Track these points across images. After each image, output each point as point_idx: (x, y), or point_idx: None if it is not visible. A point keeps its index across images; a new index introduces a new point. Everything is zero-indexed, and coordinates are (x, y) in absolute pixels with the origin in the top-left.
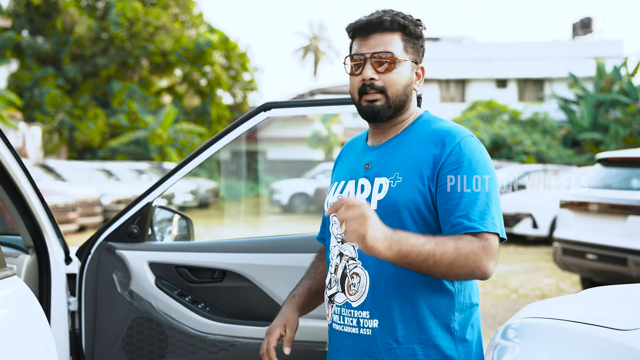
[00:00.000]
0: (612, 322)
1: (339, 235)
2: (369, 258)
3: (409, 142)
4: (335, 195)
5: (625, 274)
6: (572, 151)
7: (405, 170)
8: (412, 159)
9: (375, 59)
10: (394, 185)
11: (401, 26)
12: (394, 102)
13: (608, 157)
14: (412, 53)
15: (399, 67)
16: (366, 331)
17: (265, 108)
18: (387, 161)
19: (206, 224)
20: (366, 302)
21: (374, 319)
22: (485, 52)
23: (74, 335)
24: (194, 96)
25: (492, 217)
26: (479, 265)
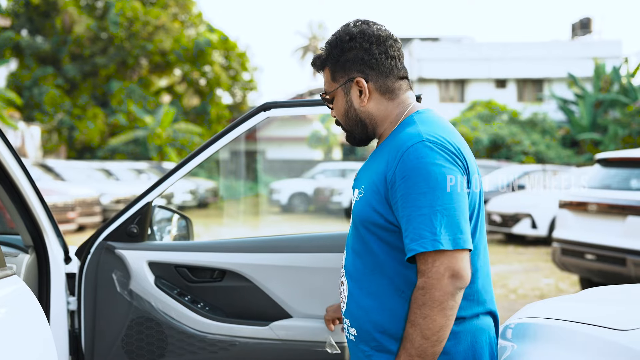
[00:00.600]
0: (611, 322)
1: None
2: (347, 266)
3: (379, 153)
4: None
5: (624, 274)
6: (571, 151)
7: (367, 184)
8: (374, 171)
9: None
10: (358, 200)
11: (324, 59)
12: (349, 129)
13: (607, 158)
14: (341, 77)
15: (335, 101)
16: (351, 337)
17: (265, 108)
18: (363, 172)
19: (205, 223)
20: (347, 310)
21: (353, 327)
22: (484, 52)
23: (74, 335)
24: (194, 96)
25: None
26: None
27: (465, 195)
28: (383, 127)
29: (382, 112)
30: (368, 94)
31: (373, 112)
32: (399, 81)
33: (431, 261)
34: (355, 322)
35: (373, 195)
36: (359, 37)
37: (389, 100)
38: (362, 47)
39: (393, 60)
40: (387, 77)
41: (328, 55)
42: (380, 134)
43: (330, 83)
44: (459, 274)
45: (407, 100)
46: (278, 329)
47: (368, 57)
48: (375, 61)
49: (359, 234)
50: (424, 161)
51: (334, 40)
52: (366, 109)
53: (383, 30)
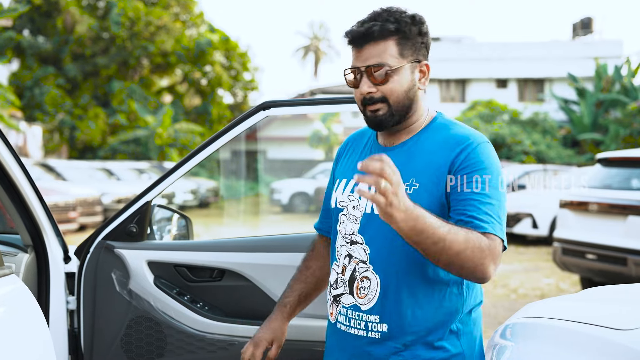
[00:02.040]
0: (612, 322)
1: (348, 236)
2: (381, 262)
3: (424, 147)
4: (346, 193)
5: (625, 274)
6: (572, 151)
7: (422, 176)
8: (429, 164)
9: (370, 72)
10: (411, 192)
11: (393, 31)
12: (396, 109)
13: (608, 157)
14: (411, 54)
15: (395, 75)
16: (375, 334)
17: (265, 107)
18: (402, 165)
19: (206, 223)
20: (376, 307)
21: (383, 323)
22: (485, 52)
23: (73, 334)
24: (195, 96)
25: (500, 223)
26: (482, 263)
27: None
28: (417, 117)
29: (423, 102)
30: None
31: (420, 100)
32: None
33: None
34: (390, 318)
35: (435, 186)
36: (426, 24)
37: (425, 94)
38: (427, 34)
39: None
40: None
41: (401, 29)
42: (411, 125)
43: (397, 57)
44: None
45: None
46: None
47: (429, 45)
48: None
49: None
50: (492, 161)
51: (416, 18)
52: (420, 94)
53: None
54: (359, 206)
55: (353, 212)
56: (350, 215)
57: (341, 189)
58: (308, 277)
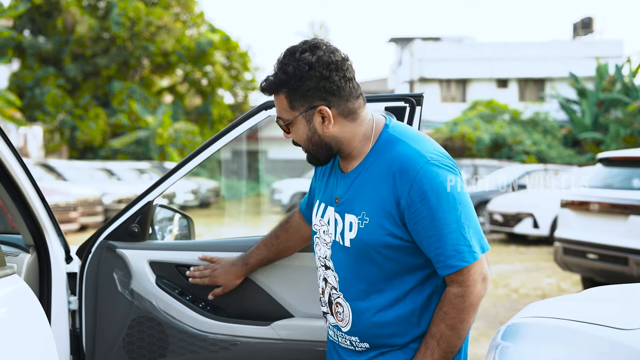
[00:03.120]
0: (614, 321)
1: (322, 259)
2: (349, 291)
3: (371, 174)
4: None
5: (626, 274)
6: (572, 151)
7: (371, 209)
8: (375, 196)
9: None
10: (362, 226)
11: (279, 85)
12: (313, 153)
13: (609, 157)
14: (302, 104)
15: (293, 127)
16: (360, 349)
17: (267, 107)
18: (353, 196)
19: (207, 223)
20: (352, 330)
21: (364, 342)
22: (485, 52)
23: (74, 334)
24: (195, 96)
25: (469, 244)
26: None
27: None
28: (351, 146)
29: (347, 133)
30: (332, 121)
31: (338, 135)
32: (358, 100)
33: (467, 271)
34: (366, 337)
35: (384, 219)
36: (317, 66)
37: (352, 122)
38: (323, 76)
39: (351, 82)
40: (348, 100)
41: (284, 83)
42: (349, 153)
43: (288, 111)
44: (486, 276)
45: (367, 116)
46: (280, 328)
47: (329, 85)
48: (336, 87)
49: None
50: (437, 181)
51: (292, 70)
52: (330, 133)
53: (337, 53)
54: (328, 232)
55: (324, 237)
56: (322, 239)
57: (315, 212)
58: (274, 245)
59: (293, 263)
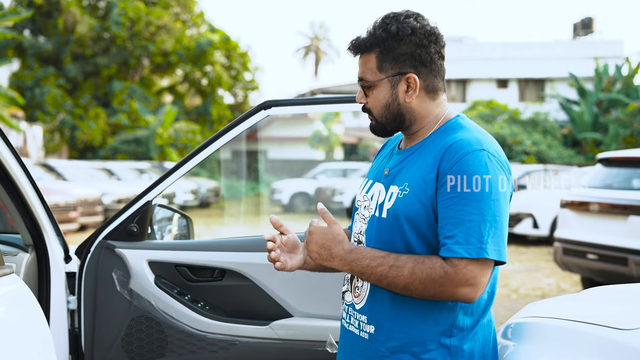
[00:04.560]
0: (613, 321)
1: (356, 235)
2: None
3: (425, 152)
4: (362, 193)
5: (625, 274)
6: (572, 151)
7: (413, 182)
8: (422, 169)
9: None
10: (401, 196)
11: (373, 44)
12: (382, 122)
13: (609, 157)
14: (391, 68)
15: (373, 91)
16: (364, 335)
17: (266, 106)
18: (402, 169)
19: (206, 223)
20: (365, 307)
21: (370, 324)
22: (485, 52)
23: (73, 334)
24: (195, 96)
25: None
26: (442, 291)
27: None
28: (421, 124)
29: (423, 110)
30: (417, 91)
31: (415, 109)
32: (442, 82)
33: (465, 264)
34: (375, 320)
35: (422, 191)
36: (420, 33)
37: (431, 100)
38: (422, 44)
39: (442, 61)
40: (436, 77)
41: (379, 42)
42: (417, 131)
43: (375, 72)
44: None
45: (445, 102)
46: (278, 328)
47: (425, 55)
48: (430, 59)
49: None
50: (482, 170)
51: (394, 30)
52: (410, 104)
53: (439, 29)
54: (369, 207)
55: (363, 213)
56: (361, 215)
57: (360, 189)
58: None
59: None
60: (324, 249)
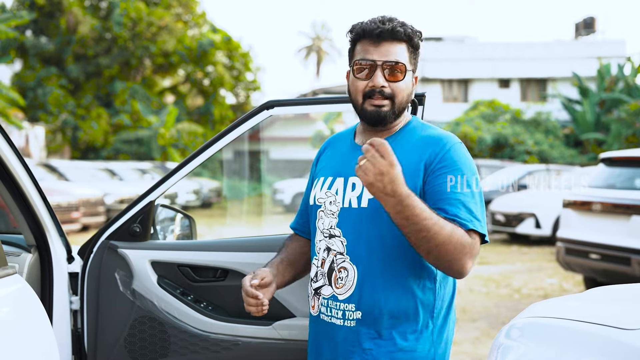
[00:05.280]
0: (616, 321)
1: (326, 230)
2: (358, 252)
3: (400, 146)
4: (324, 190)
5: (628, 274)
6: (574, 151)
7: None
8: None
9: (387, 67)
10: None
11: (409, 37)
12: (398, 108)
13: (611, 157)
14: (413, 63)
15: (407, 77)
16: (350, 323)
17: (268, 106)
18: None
19: (209, 223)
20: (353, 296)
21: (358, 310)
22: (487, 52)
23: (76, 334)
24: (197, 96)
25: (480, 220)
26: (461, 258)
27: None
28: (400, 119)
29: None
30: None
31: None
32: None
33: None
34: (364, 305)
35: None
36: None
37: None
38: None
39: None
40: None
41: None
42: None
43: (408, 61)
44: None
45: None
46: (281, 328)
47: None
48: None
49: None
50: (466, 160)
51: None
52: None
53: None
54: (335, 201)
55: (330, 208)
56: (327, 210)
57: (319, 187)
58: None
59: None
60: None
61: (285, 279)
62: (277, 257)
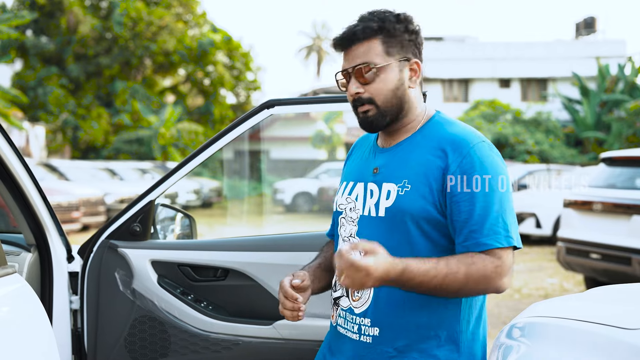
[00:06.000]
0: (618, 321)
1: (347, 238)
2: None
3: (419, 147)
4: (344, 196)
5: (629, 274)
6: (575, 150)
7: (414, 177)
8: (421, 165)
9: (357, 72)
10: (402, 193)
11: (377, 29)
12: (385, 109)
13: (612, 157)
14: (398, 52)
15: (382, 74)
16: (366, 339)
17: (269, 105)
18: (396, 166)
19: (209, 223)
20: (369, 310)
21: (374, 326)
22: (488, 51)
23: (76, 334)
24: (197, 96)
25: (507, 228)
26: (491, 286)
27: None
28: (412, 117)
29: (416, 101)
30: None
31: (412, 99)
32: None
33: (506, 254)
34: (381, 321)
35: (427, 188)
36: (414, 23)
37: (420, 93)
38: (417, 32)
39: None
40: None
41: (385, 27)
42: (406, 125)
43: (383, 56)
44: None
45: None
46: (282, 328)
47: (419, 42)
48: (421, 49)
49: (401, 228)
50: (491, 161)
51: (402, 16)
52: (411, 92)
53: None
54: (355, 208)
55: (350, 215)
56: (348, 217)
57: (341, 192)
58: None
59: (294, 262)
60: (376, 281)
61: (321, 285)
62: (314, 261)
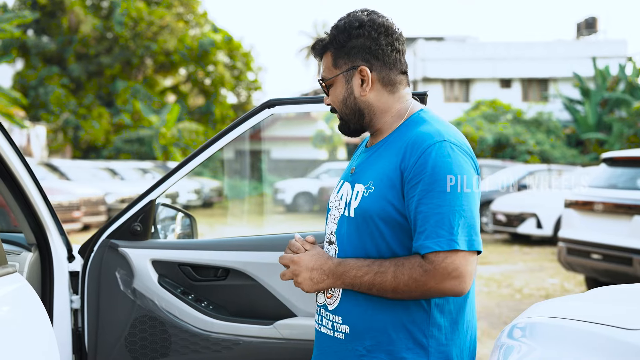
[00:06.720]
0: (619, 321)
1: (327, 236)
2: None
3: (390, 147)
4: (334, 194)
5: (630, 274)
6: (576, 151)
7: (379, 179)
8: (386, 167)
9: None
10: (367, 195)
11: (328, 43)
12: (345, 118)
13: (613, 157)
14: (344, 63)
15: (332, 88)
16: (339, 335)
17: (269, 105)
18: (367, 167)
19: (210, 223)
20: (339, 308)
21: (345, 324)
22: (489, 51)
23: (77, 333)
24: (198, 95)
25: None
26: (427, 289)
27: (478, 196)
28: (382, 120)
29: (382, 104)
30: (370, 84)
31: (373, 103)
32: (401, 75)
33: (442, 258)
34: (350, 319)
35: (388, 189)
36: (368, 25)
37: (389, 94)
38: (370, 36)
39: (398, 54)
40: (391, 70)
41: (332, 40)
42: (379, 127)
43: (331, 69)
44: (464, 277)
45: (407, 96)
46: (282, 328)
47: (375, 47)
48: (381, 52)
49: (367, 229)
50: (446, 160)
51: (342, 25)
52: (366, 99)
53: (391, 22)
54: (339, 207)
55: (334, 213)
56: (332, 215)
57: (334, 191)
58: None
59: None
60: (315, 271)
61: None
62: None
